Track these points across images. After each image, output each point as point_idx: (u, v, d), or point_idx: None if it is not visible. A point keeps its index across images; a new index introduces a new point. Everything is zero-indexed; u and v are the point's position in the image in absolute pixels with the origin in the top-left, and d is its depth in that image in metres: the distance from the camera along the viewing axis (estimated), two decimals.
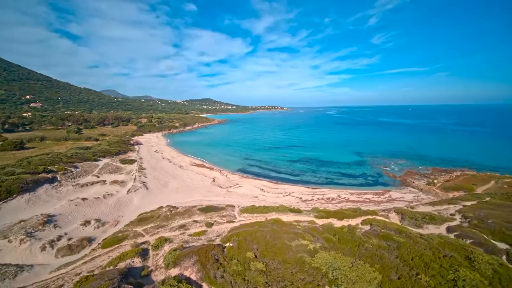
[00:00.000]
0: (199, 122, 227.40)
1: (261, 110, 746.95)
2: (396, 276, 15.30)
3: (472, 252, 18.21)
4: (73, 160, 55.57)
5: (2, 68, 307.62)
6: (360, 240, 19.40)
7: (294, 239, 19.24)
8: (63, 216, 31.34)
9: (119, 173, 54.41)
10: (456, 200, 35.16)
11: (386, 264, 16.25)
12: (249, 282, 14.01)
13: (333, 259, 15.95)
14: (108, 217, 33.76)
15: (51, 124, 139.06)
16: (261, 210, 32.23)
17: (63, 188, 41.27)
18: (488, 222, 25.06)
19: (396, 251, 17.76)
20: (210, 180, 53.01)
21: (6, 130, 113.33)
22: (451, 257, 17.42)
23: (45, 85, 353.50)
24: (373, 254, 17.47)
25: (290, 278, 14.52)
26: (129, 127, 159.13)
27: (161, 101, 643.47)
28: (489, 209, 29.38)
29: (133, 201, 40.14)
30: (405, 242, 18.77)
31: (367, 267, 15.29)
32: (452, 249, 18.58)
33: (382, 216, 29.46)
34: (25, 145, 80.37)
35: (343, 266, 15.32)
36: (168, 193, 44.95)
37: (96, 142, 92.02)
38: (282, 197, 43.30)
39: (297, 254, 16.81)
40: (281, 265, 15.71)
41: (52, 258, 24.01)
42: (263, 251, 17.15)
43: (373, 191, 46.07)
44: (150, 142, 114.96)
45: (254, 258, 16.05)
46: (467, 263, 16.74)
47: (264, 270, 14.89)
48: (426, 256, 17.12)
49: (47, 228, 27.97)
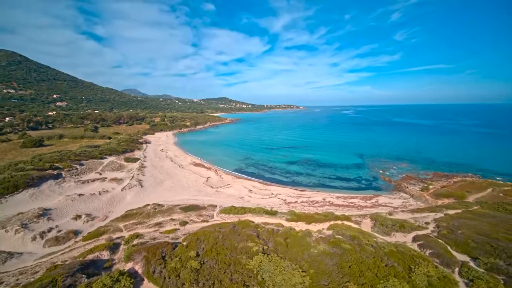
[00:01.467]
0: (210, 121, 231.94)
1: (276, 109, 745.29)
2: (326, 282, 15.86)
3: (418, 263, 18.24)
4: (80, 158, 59.91)
5: (32, 69, 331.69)
6: (308, 245, 19.98)
7: (243, 241, 20.22)
8: (58, 210, 34.47)
9: (120, 171, 57.89)
10: (440, 208, 34.13)
11: (321, 270, 16.81)
12: (180, 279, 15.27)
13: (267, 262, 16.78)
14: (99, 212, 36.54)
15: (71, 123, 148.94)
16: (238, 211, 33.37)
17: (65, 184, 45.01)
18: (458, 233, 24.46)
19: (338, 258, 18.19)
20: (204, 180, 54.93)
21: (31, 128, 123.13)
22: (391, 266, 17.59)
23: (71, 85, 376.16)
24: (313, 259, 18.05)
25: (220, 277, 15.59)
26: (142, 125, 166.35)
27: (178, 100, 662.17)
28: (468, 219, 28.44)
29: (126, 198, 42.89)
30: (350, 250, 19.10)
31: (296, 272, 15.97)
32: (398, 259, 18.66)
33: (355, 221, 29.49)
34: (44, 143, 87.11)
35: (274, 269, 16.11)
36: (160, 191, 47.38)
37: (107, 141, 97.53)
38: (267, 198, 44.12)
39: (238, 255, 17.81)
40: (217, 264, 16.81)
41: (40, 248, 26.79)
42: (207, 251, 18.33)
43: (361, 195, 45.51)
44: (159, 140, 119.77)
45: (194, 257, 17.28)
46: (405, 274, 16.87)
47: (198, 268, 16.08)
48: (364, 264, 17.42)
49: (41, 220, 31.04)
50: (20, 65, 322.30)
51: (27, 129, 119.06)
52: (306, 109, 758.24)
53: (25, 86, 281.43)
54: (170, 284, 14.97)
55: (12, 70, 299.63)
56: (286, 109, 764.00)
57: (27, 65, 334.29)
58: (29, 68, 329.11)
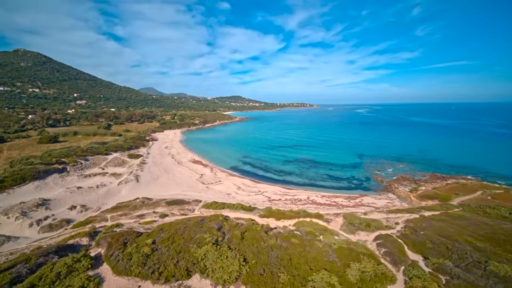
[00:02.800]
0: (220, 119, 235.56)
1: (288, 108, 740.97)
2: (262, 271, 17.14)
3: (361, 259, 19.04)
4: (86, 154, 64.20)
5: (55, 69, 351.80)
6: (260, 239, 21.27)
7: (203, 232, 21.86)
8: (56, 201, 37.87)
9: (122, 167, 61.49)
10: (419, 210, 34.00)
11: (262, 261, 18.10)
12: (130, 261, 17.16)
13: (213, 252, 18.29)
14: (94, 204, 39.64)
15: (87, 120, 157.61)
16: (217, 206, 35.10)
17: (69, 178, 48.86)
18: (420, 234, 24.74)
19: (283, 251, 19.37)
20: (198, 177, 57.20)
21: (49, 125, 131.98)
22: (331, 261, 18.56)
23: (91, 84, 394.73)
24: (260, 251, 19.36)
25: (167, 262, 17.32)
26: (153, 123, 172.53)
27: (193, 98, 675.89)
28: (439, 221, 28.39)
29: (121, 192, 45.94)
30: (297, 244, 20.20)
31: (236, 261, 17.37)
32: (343, 255, 19.54)
33: (325, 219, 30.24)
34: (59, 139, 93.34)
35: (217, 258, 17.61)
36: (154, 186, 50.13)
37: (116, 138, 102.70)
38: (253, 195, 45.52)
39: (190, 245, 19.49)
40: (168, 251, 18.56)
41: (35, 233, 29.95)
42: (164, 240, 20.15)
43: (346, 195, 45.71)
44: (166, 138, 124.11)
45: (150, 244, 19.14)
46: (341, 268, 17.80)
47: (148, 254, 17.91)
48: (305, 258, 18.51)
49: (40, 209, 34.41)
50: (45, 66, 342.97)
51: (46, 126, 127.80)
52: (320, 108, 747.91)
53: (49, 85, 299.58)
54: (120, 266, 16.92)
55: (37, 70, 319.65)
56: (299, 108, 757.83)
57: (50, 66, 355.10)
58: (52, 68, 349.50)
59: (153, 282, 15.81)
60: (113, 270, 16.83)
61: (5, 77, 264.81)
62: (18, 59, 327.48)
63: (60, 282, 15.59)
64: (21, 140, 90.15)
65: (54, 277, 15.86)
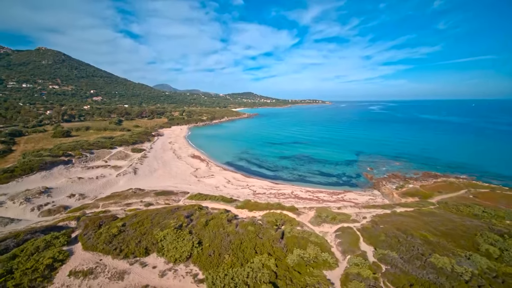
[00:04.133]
0: (228, 116, 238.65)
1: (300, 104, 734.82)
2: (211, 253, 19.11)
3: (307, 247, 20.57)
4: (92, 147, 68.63)
5: (74, 67, 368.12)
6: (220, 226, 23.23)
7: (171, 219, 24.12)
8: (58, 189, 41.66)
9: (124, 160, 65.33)
10: (393, 206, 34.66)
11: (214, 244, 20.08)
12: (98, 239, 19.68)
13: (172, 235, 20.46)
14: (92, 193, 43.16)
15: (100, 116, 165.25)
16: (200, 197, 37.47)
17: (73, 169, 52.97)
18: (379, 227, 25.81)
19: (236, 236, 21.23)
20: (192, 170, 59.92)
21: (65, 120, 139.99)
22: (278, 247, 20.24)
23: (106, 81, 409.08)
24: (216, 236, 21.34)
25: (130, 242, 19.69)
26: (161, 119, 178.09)
27: (205, 95, 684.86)
28: (405, 216, 29.17)
29: (119, 183, 49.39)
30: (251, 231, 21.99)
31: (189, 243, 19.44)
32: (292, 243, 21.15)
33: (297, 212, 31.75)
34: (71, 134, 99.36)
35: (173, 240, 19.77)
36: (150, 178, 53.29)
37: (124, 133, 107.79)
38: (240, 189, 47.52)
39: (154, 228, 21.79)
40: (134, 233, 20.95)
41: (35, 217, 33.54)
42: (134, 223, 22.58)
43: (331, 190, 46.69)
44: (172, 133, 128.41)
45: (119, 226, 21.62)
46: (284, 253, 19.45)
47: (116, 234, 20.36)
48: (252, 243, 20.29)
49: (42, 196, 38.19)
50: (64, 63, 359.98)
51: (61, 121, 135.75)
52: (332, 104, 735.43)
53: (67, 82, 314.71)
54: (89, 243, 19.48)
55: (57, 68, 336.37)
56: (311, 104, 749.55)
57: (69, 63, 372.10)
58: (71, 66, 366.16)
59: (113, 257, 18.21)
60: (83, 246, 19.44)
61: (28, 75, 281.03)
62: (39, 57, 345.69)
63: (38, 254, 18.31)
64: (37, 134, 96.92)
65: (34, 249, 18.64)
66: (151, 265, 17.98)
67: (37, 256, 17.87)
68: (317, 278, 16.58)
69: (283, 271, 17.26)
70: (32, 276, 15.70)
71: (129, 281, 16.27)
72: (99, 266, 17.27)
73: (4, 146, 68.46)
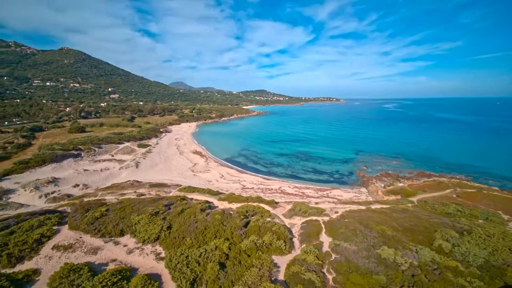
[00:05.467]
0: (237, 113, 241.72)
1: (313, 102, 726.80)
2: (177, 236, 21.53)
3: (264, 235, 22.48)
4: (101, 142, 73.68)
5: (93, 65, 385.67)
6: (192, 214, 25.59)
7: (151, 206, 26.84)
8: (65, 180, 46.02)
9: (129, 154, 69.68)
10: (370, 203, 35.56)
11: (181, 229, 22.48)
12: (82, 221, 22.69)
13: (146, 219, 23.08)
14: (94, 184, 47.22)
15: (115, 113, 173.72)
16: (189, 189, 40.17)
17: (81, 162, 57.69)
18: (343, 221, 27.13)
19: (203, 223, 23.52)
20: (191, 165, 63.03)
21: (82, 117, 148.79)
22: (237, 234, 22.29)
23: (124, 79, 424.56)
24: (185, 222, 23.74)
25: (109, 224, 22.52)
26: (172, 116, 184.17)
27: (219, 92, 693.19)
28: (376, 212, 30.19)
29: (121, 175, 53.35)
30: (218, 219, 24.17)
31: (158, 227, 21.96)
32: (254, 231, 23.14)
33: (275, 206, 33.57)
34: (86, 129, 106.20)
35: (145, 224, 22.39)
36: (150, 172, 56.91)
37: (133, 129, 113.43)
38: (231, 183, 49.87)
39: (132, 214, 24.54)
40: (114, 217, 23.80)
41: (42, 203, 37.70)
42: (116, 209, 25.47)
43: (318, 187, 47.86)
44: (180, 130, 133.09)
45: (103, 211, 24.58)
46: (240, 239, 21.50)
47: (98, 217, 23.29)
48: (215, 229, 22.47)
49: (50, 185, 42.54)
50: (84, 62, 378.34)
51: (79, 117, 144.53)
52: (346, 102, 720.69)
53: (87, 80, 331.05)
54: (74, 223, 22.54)
55: (78, 67, 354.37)
56: (324, 102, 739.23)
57: (89, 62, 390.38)
58: (90, 65, 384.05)
59: (92, 235, 21.12)
60: (69, 226, 22.53)
61: (51, 74, 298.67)
62: (62, 56, 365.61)
63: (32, 231, 21.58)
64: (56, 130, 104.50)
65: (28, 227, 21.94)
66: (123, 244, 20.70)
67: (30, 232, 21.12)
68: (262, 261, 18.50)
69: (234, 254, 19.34)
70: (22, 247, 18.83)
71: (101, 256, 19.04)
72: (78, 242, 20.22)
73: (25, 140, 75.11)
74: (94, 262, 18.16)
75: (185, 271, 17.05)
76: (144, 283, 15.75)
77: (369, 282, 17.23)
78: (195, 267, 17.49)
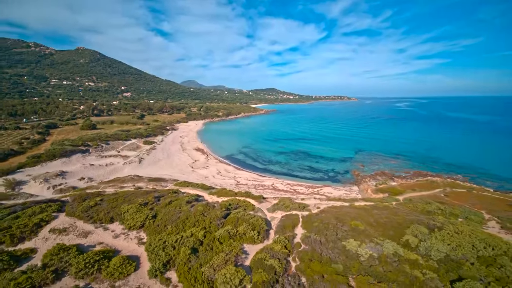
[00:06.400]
0: (244, 112, 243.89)
1: (323, 101, 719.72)
2: (160, 224, 23.64)
3: (240, 225, 24.20)
4: (109, 139, 77.58)
5: (107, 65, 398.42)
6: (178, 205, 27.68)
7: (142, 198, 29.16)
8: (72, 173, 49.51)
9: (134, 151, 73.12)
10: (355, 200, 36.50)
11: (165, 218, 24.57)
12: (77, 209, 25.24)
13: (134, 209, 25.35)
14: (99, 178, 50.46)
15: (126, 111, 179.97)
16: (183, 184, 42.45)
17: (88, 157, 61.39)
18: (321, 215, 28.39)
19: (185, 213, 25.51)
20: (191, 162, 65.55)
21: (95, 115, 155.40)
22: (214, 223, 24.13)
23: (136, 78, 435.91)
24: (170, 212, 25.84)
25: (101, 212, 24.94)
26: (180, 114, 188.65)
27: (229, 91, 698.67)
28: (356, 208, 31.22)
29: (123, 170, 56.49)
30: (200, 210, 26.10)
31: (143, 215, 24.16)
32: (231, 221, 24.92)
33: (261, 201, 35.20)
34: (97, 126, 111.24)
35: (133, 212, 24.65)
36: (151, 167, 59.82)
37: (140, 126, 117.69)
38: (226, 179, 51.83)
39: (123, 203, 26.89)
40: (107, 206, 26.22)
41: (50, 194, 41.00)
42: (110, 200, 27.94)
43: (310, 184, 48.97)
44: (187, 128, 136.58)
45: (98, 201, 27.09)
46: (217, 228, 23.32)
47: (92, 205, 25.79)
48: (195, 219, 24.40)
49: (58, 178, 46.03)
50: (99, 62, 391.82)
51: (91, 115, 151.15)
52: (357, 101, 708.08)
53: (101, 79, 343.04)
54: (70, 211, 25.13)
55: (92, 66, 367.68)
56: (334, 101, 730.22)
57: (103, 62, 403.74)
58: (105, 64, 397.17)
59: (84, 221, 23.59)
60: (65, 213, 25.16)
61: (68, 73, 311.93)
62: (78, 56, 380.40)
63: (34, 216, 24.31)
64: (69, 127, 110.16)
65: (31, 213, 24.70)
66: (111, 229, 23.03)
67: (32, 217, 23.84)
68: (232, 248, 20.25)
69: (208, 241, 21.19)
70: (24, 230, 21.50)
71: (90, 239, 21.42)
72: (72, 227, 22.72)
73: (40, 136, 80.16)
74: (83, 244, 20.54)
75: (160, 254, 19.08)
76: (122, 262, 17.89)
77: (327, 270, 18.60)
78: (170, 251, 19.48)
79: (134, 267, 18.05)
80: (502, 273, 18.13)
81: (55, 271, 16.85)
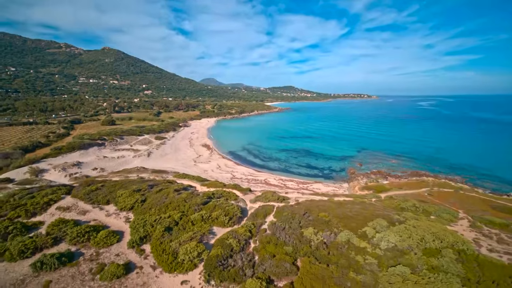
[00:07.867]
0: (258, 109, 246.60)
1: (342, 99, 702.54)
2: (147, 207, 27.38)
3: (215, 211, 27.29)
4: (124, 134, 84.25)
5: (130, 64, 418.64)
6: (166, 193, 31.34)
7: (135, 185, 33.26)
8: (87, 164, 55.54)
9: (145, 145, 78.97)
10: (336, 196, 38.18)
11: (152, 202, 28.30)
12: (81, 192, 29.74)
13: (127, 194, 29.35)
14: (110, 168, 56.06)
15: (144, 108, 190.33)
16: (181, 176, 46.40)
17: (103, 150, 67.78)
18: (294, 207, 30.70)
19: (170, 199, 29.07)
20: (195, 156, 69.83)
21: (116, 111, 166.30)
22: (197, 210, 27.41)
23: (157, 76, 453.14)
24: (158, 198, 29.55)
25: (99, 195, 29.24)
26: (194, 112, 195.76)
27: (246, 89, 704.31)
28: (332, 203, 33.05)
29: (133, 162, 61.93)
30: (183, 197, 29.55)
31: (134, 199, 28.05)
32: (209, 208, 28.07)
33: (246, 192, 38.06)
34: (116, 122, 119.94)
35: (125, 197, 28.63)
36: (158, 160, 64.82)
37: (155, 123, 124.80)
38: (224, 173, 55.23)
39: (119, 190, 31.06)
40: (106, 191, 30.52)
41: (66, 181, 46.81)
42: (109, 186, 32.28)
43: (302, 180, 50.89)
44: (199, 125, 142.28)
45: (99, 186, 31.50)
46: (193, 212, 26.60)
47: (93, 190, 30.19)
48: (176, 204, 27.86)
49: (74, 168, 52.07)
50: (122, 61, 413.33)
51: (113, 112, 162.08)
52: (378, 99, 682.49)
53: (125, 77, 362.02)
54: (75, 193, 29.70)
55: (117, 65, 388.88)
56: (354, 99, 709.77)
57: (127, 61, 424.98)
58: (128, 63, 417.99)
59: (85, 202, 27.99)
60: (71, 195, 29.80)
61: (94, 72, 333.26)
62: (104, 56, 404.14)
63: (46, 197, 29.13)
64: (91, 122, 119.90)
65: (44, 194, 29.58)
66: (106, 209, 27.17)
67: (44, 197, 28.66)
68: (201, 229, 23.42)
69: (183, 222, 24.53)
70: (36, 206, 26.20)
71: (87, 216, 25.64)
72: (74, 206, 27.16)
73: (65, 131, 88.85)
74: (80, 220, 24.77)
75: (140, 230, 22.71)
76: (108, 234, 21.70)
77: (279, 251, 21.16)
78: (148, 228, 23.05)
79: (117, 239, 21.80)
80: (439, 263, 19.56)
81: (54, 238, 21.02)
